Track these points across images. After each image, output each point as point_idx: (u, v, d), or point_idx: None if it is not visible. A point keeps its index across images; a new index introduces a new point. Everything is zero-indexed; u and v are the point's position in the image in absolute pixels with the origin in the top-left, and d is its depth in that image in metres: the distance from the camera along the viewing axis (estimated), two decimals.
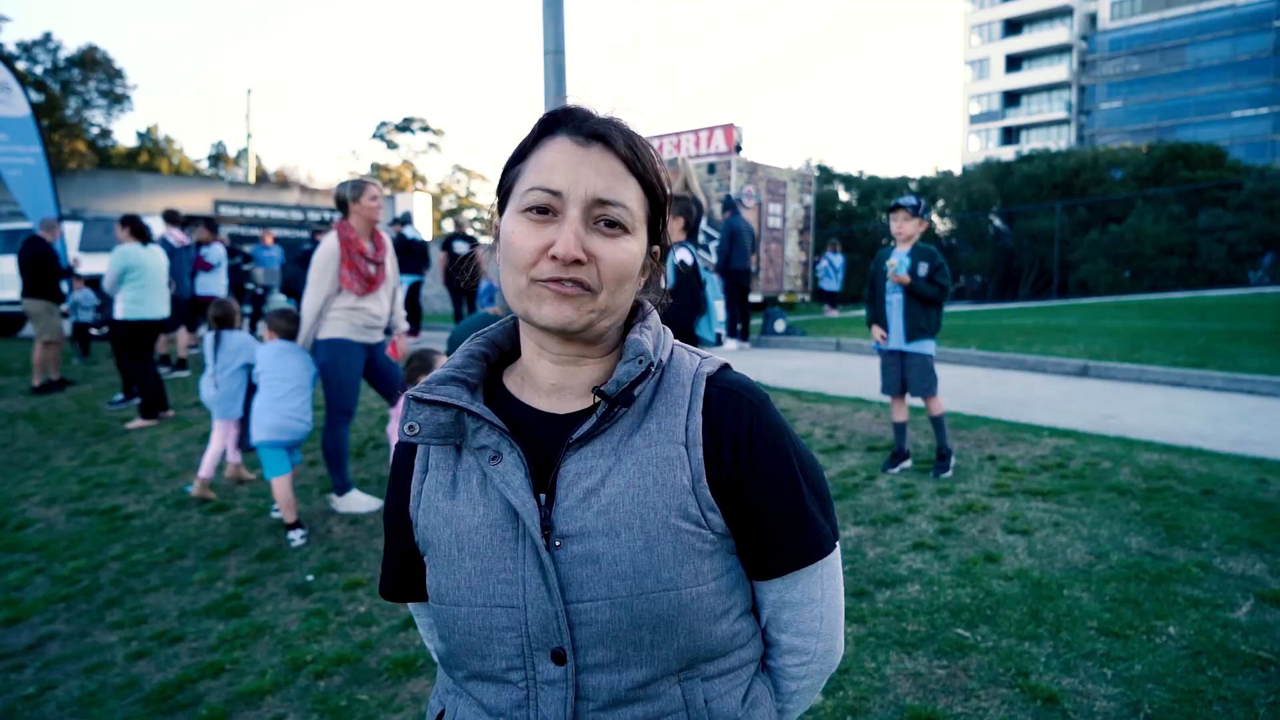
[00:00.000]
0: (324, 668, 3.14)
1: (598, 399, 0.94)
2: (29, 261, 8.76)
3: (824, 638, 1.02)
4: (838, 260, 17.51)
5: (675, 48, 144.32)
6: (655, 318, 1.04)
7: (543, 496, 0.92)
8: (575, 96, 0.98)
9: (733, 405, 0.97)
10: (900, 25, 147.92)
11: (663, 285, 1.09)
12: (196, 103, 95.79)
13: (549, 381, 0.98)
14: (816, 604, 1.01)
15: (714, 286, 4.41)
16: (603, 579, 0.89)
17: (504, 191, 0.99)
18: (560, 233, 0.90)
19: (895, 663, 2.93)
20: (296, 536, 4.43)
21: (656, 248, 1.02)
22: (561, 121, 0.95)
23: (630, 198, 0.94)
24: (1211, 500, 4.23)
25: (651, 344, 0.97)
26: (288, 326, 4.60)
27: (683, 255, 4.01)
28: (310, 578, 3.99)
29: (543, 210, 0.91)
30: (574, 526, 0.91)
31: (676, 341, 1.04)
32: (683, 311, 3.96)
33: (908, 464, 5.00)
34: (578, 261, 0.90)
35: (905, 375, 4.99)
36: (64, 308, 9.31)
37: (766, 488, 0.96)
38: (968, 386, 7.63)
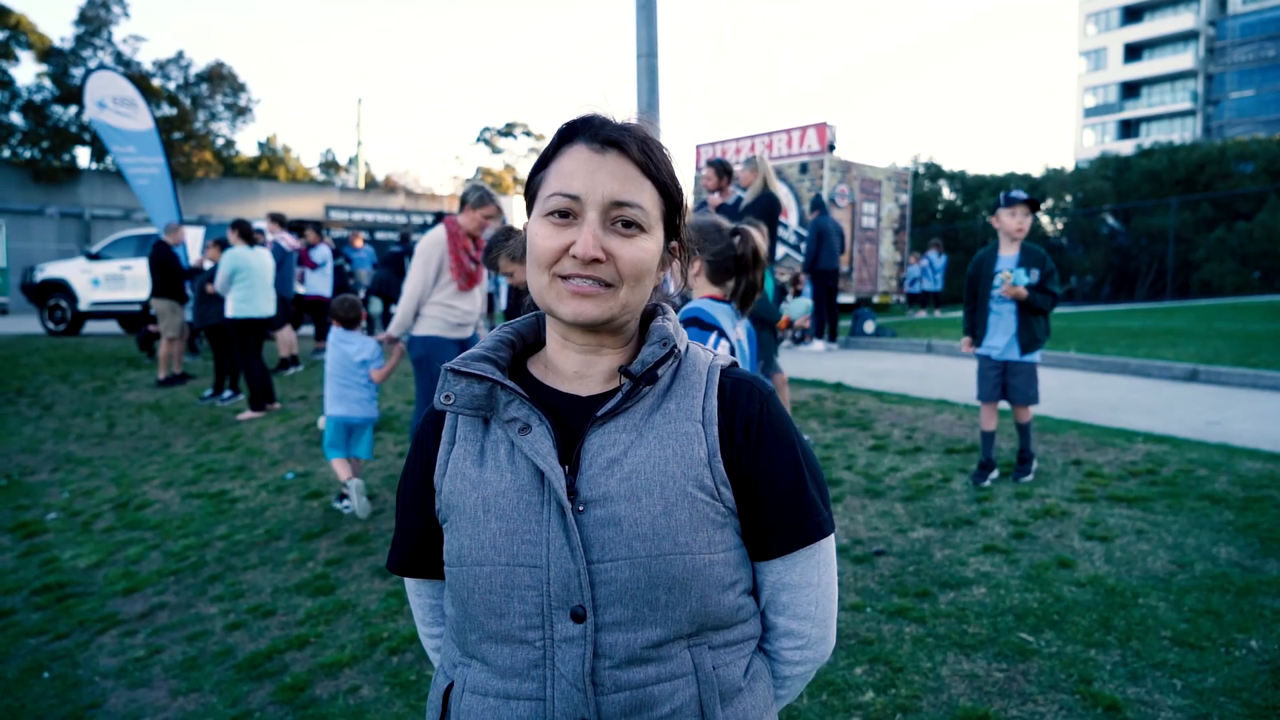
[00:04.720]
0: (398, 645, 3.33)
1: (622, 380, 1.02)
2: (155, 264, 9.51)
3: (818, 623, 1.09)
4: (939, 260, 17.07)
5: (776, 47, 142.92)
6: (674, 313, 1.12)
7: (566, 467, 0.99)
8: (592, 105, 1.06)
9: (745, 393, 1.06)
10: (1009, 17, 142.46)
11: (682, 277, 1.16)
12: (312, 113, 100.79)
13: (571, 369, 1.06)
14: (813, 588, 1.07)
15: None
16: (624, 540, 0.96)
17: (530, 197, 1.06)
18: (580, 234, 0.98)
19: (952, 664, 2.90)
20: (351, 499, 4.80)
21: (675, 243, 1.10)
22: (579, 130, 1.02)
23: (645, 199, 1.01)
24: None
25: (673, 331, 1.06)
26: (345, 315, 4.84)
27: None
28: None
29: (564, 214, 0.99)
30: (597, 492, 0.97)
31: (690, 341, 1.13)
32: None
33: (996, 474, 4.80)
34: (596, 260, 0.97)
35: (1007, 382, 4.77)
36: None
37: (773, 470, 1.03)
38: (1061, 390, 7.34)
